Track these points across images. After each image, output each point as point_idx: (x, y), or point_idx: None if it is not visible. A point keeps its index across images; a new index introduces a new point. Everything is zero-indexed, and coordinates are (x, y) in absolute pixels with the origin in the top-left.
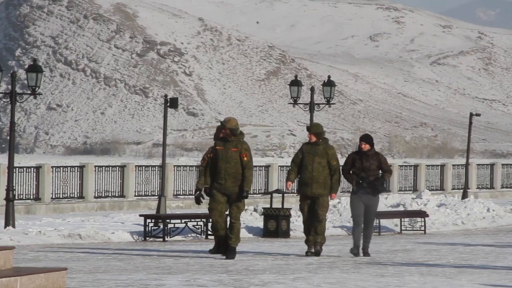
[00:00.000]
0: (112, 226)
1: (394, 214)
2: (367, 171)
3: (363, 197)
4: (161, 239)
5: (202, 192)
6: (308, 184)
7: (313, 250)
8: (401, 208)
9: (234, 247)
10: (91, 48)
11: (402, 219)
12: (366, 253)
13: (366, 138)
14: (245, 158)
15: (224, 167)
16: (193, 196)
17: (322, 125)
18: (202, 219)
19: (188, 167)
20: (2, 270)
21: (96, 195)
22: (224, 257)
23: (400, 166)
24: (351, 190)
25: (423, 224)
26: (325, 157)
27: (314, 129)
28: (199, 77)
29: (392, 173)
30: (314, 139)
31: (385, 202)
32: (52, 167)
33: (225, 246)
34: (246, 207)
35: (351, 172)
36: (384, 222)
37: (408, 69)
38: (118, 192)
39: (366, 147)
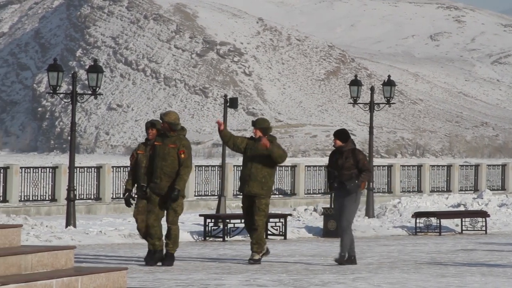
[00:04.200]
0: None
1: (455, 214)
2: (340, 169)
3: (340, 199)
4: (221, 239)
5: (132, 194)
6: (245, 181)
7: (250, 258)
8: (462, 208)
9: (172, 253)
10: (151, 49)
11: (463, 219)
12: (345, 261)
13: (338, 133)
14: (183, 155)
15: (160, 165)
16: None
17: (269, 121)
18: None
19: None
20: (63, 270)
21: None
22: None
23: (461, 166)
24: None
25: (484, 224)
26: (265, 155)
27: (259, 124)
28: (259, 77)
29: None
30: (258, 134)
31: (445, 202)
32: (113, 167)
33: (165, 253)
34: (306, 206)
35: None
36: (444, 222)
37: (469, 69)
38: None
39: (337, 143)
